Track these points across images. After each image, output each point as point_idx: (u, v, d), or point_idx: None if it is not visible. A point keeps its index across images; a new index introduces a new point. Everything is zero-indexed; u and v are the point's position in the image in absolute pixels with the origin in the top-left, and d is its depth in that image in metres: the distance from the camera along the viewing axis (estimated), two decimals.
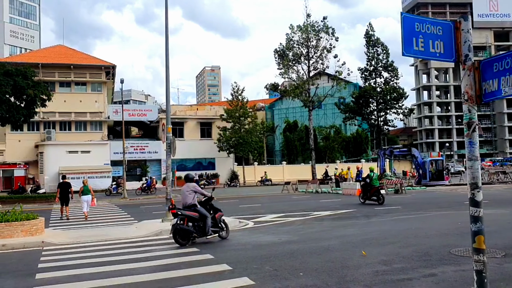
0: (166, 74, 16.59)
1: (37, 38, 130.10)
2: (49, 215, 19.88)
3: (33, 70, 34.19)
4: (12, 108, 30.40)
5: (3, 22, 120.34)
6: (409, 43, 3.85)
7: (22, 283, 7.51)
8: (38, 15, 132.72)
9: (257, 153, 53.40)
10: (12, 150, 45.18)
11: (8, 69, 31.10)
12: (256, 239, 11.42)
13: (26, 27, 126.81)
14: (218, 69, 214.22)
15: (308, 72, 47.02)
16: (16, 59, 50.93)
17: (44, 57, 48.66)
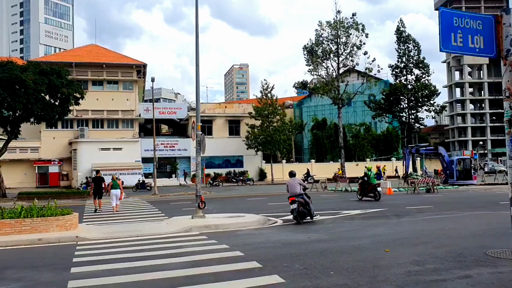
0: (196, 73, 16.72)
1: (71, 37, 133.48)
2: (83, 211, 20.39)
3: (67, 69, 35.16)
4: (47, 106, 31.31)
5: (39, 22, 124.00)
6: (447, 38, 3.74)
7: (58, 276, 7.71)
8: (72, 15, 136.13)
9: (286, 151, 53.26)
10: (47, 147, 46.54)
11: (43, 68, 32.04)
12: (285, 237, 11.40)
13: (60, 27, 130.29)
14: (246, 67, 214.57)
15: (337, 69, 46.58)
16: (51, 58, 52.38)
17: (77, 56, 49.88)
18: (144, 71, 50.67)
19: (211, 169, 49.16)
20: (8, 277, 7.70)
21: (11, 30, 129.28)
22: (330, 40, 46.26)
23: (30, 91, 29.60)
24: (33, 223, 12.45)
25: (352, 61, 46.37)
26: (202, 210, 15.45)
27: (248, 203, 23.50)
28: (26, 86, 29.36)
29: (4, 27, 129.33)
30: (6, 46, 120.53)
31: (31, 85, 29.50)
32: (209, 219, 14.83)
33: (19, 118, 32.18)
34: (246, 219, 14.79)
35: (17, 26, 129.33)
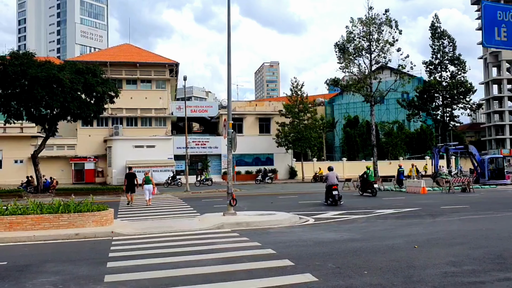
0: (228, 71, 16.81)
1: (105, 37, 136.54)
2: (117, 207, 20.84)
3: (101, 68, 35.95)
4: (83, 105, 32.14)
5: (75, 23, 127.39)
6: (490, 33, 3.65)
7: (95, 270, 7.91)
8: (106, 15, 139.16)
9: (316, 149, 52.90)
10: (83, 144, 47.81)
11: (79, 68, 32.90)
12: (317, 236, 11.34)
13: (95, 27, 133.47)
14: (277, 64, 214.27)
15: (370, 66, 45.83)
16: (86, 58, 53.73)
17: (111, 55, 50.98)
18: (176, 70, 51.32)
19: (241, 167, 49.39)
20: (48, 270, 7.95)
21: (49, 31, 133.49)
22: (362, 37, 45.54)
23: (67, 89, 30.45)
24: (70, 218, 12.83)
25: (385, 58, 45.49)
26: (233, 207, 15.55)
27: (279, 201, 23.47)
28: (63, 85, 30.22)
29: (42, 28, 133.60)
30: (44, 46, 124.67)
31: (67, 84, 30.34)
32: (241, 217, 14.90)
33: (56, 116, 33.17)
34: (277, 217, 14.79)
35: (54, 27, 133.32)
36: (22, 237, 11.68)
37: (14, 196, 24.89)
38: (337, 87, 52.78)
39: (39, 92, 29.60)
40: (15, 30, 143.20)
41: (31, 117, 32.67)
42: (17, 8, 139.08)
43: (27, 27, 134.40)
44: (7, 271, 7.96)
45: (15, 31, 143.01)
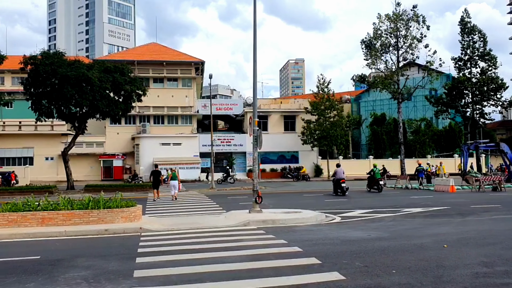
0: (253, 69, 16.82)
1: (132, 36, 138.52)
2: (145, 203, 21.17)
3: (129, 67, 36.56)
4: (111, 103, 32.74)
5: (103, 22, 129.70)
6: None
7: (124, 265, 8.07)
8: (133, 14, 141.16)
9: (343, 146, 52.41)
10: (111, 142, 48.70)
11: (107, 66, 33.51)
12: (344, 234, 11.25)
13: (123, 26, 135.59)
14: (302, 61, 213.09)
15: (397, 62, 45.16)
16: (114, 57, 54.63)
17: (139, 54, 51.70)
18: (202, 68, 51.68)
19: (266, 165, 49.41)
20: (79, 265, 8.15)
21: (78, 31, 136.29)
22: (389, 33, 44.91)
23: (96, 88, 31.08)
24: (100, 214, 13.10)
25: (413, 54, 44.77)
26: (259, 205, 15.58)
27: (305, 199, 23.40)
28: (92, 83, 30.84)
29: (72, 28, 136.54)
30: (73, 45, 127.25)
31: (96, 82, 30.96)
32: (266, 214, 14.92)
33: (86, 114, 33.89)
34: (303, 215, 14.75)
35: (83, 27, 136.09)
36: (54, 232, 12.00)
37: (45, 192, 25.59)
38: (363, 84, 52.20)
39: (69, 90, 30.30)
40: (45, 30, 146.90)
41: (61, 115, 33.48)
42: (48, 9, 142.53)
43: (57, 27, 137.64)
44: (41, 265, 8.20)
45: (45, 31, 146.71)
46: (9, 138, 46.23)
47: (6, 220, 12.64)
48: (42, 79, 31.13)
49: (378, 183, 26.43)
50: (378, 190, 26.24)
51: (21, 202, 13.33)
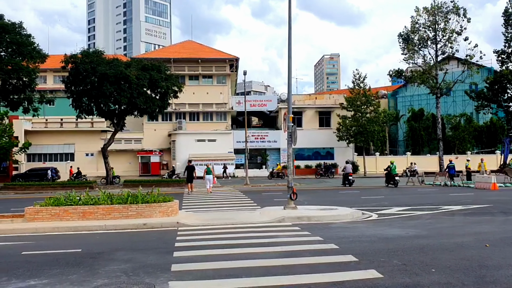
0: (288, 64, 16.75)
1: (168, 34, 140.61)
2: (181, 198, 21.51)
3: (165, 64, 37.14)
4: (148, 100, 33.42)
5: (140, 21, 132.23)
6: None
7: (162, 259, 8.22)
8: (169, 13, 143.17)
9: (379, 142, 51.51)
10: (149, 138, 49.73)
11: (145, 64, 34.21)
12: (381, 232, 11.06)
13: (159, 24, 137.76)
14: (337, 56, 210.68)
15: (435, 56, 44.02)
16: (151, 55, 55.62)
17: (175, 52, 52.50)
18: (236, 65, 51.94)
19: (301, 161, 49.17)
20: (119, 258, 8.37)
21: (116, 29, 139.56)
22: (427, 26, 43.78)
23: (134, 85, 31.78)
24: (138, 209, 13.40)
25: (452, 48, 43.53)
26: (294, 201, 15.53)
27: (340, 196, 23.16)
28: (130, 81, 31.56)
29: (110, 27, 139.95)
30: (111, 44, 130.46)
31: (134, 80, 31.65)
32: (301, 211, 14.86)
33: (124, 111, 34.71)
34: (339, 212, 14.60)
35: (121, 26, 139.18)
36: (94, 226, 12.36)
37: (86, 187, 26.41)
38: (400, 78, 51.17)
39: (108, 88, 31.12)
40: (84, 30, 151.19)
41: (100, 112, 34.43)
42: (87, 9, 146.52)
43: (96, 26, 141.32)
44: (82, 258, 8.47)
45: (84, 30, 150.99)
46: (51, 134, 47.93)
47: (49, 214, 13.12)
48: (82, 77, 32.09)
49: (394, 179, 28.52)
50: (394, 185, 28.34)
51: (63, 197, 13.80)
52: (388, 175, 29.07)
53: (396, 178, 28.78)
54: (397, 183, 28.55)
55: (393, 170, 28.80)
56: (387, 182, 29.21)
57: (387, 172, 29.30)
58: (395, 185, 28.37)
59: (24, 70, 32.80)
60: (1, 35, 32.04)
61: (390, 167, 28.92)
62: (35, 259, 8.46)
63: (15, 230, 12.16)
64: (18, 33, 32.71)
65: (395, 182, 28.46)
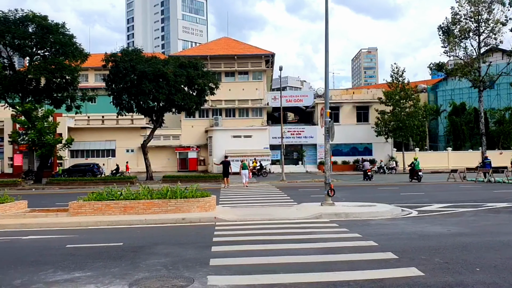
0: (325, 58, 16.57)
1: (205, 32, 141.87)
2: (218, 193, 21.71)
3: (202, 61, 37.52)
4: (186, 97, 33.90)
5: (177, 19, 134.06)
6: None
7: (201, 254, 8.33)
8: (205, 10, 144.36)
9: (419, 138, 50.26)
10: (186, 135, 50.44)
11: (182, 62, 34.70)
12: (421, 229, 10.81)
13: (196, 22, 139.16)
14: (375, 50, 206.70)
15: (478, 48, 42.39)
16: (188, 52, 56.31)
17: (211, 49, 52.90)
18: (272, 61, 51.83)
19: (338, 157, 48.65)
20: (159, 252, 8.55)
21: (154, 28, 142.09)
22: (469, 17, 42.22)
23: (171, 83, 32.30)
24: (177, 203, 13.64)
25: (496, 39, 41.78)
26: (331, 197, 15.40)
27: (379, 192, 22.78)
28: (168, 78, 32.09)
29: (148, 25, 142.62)
30: (150, 42, 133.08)
31: (172, 77, 32.16)
32: (339, 207, 14.72)
33: (162, 108, 35.36)
34: (378, 208, 14.36)
35: (158, 24, 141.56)
36: (135, 220, 12.67)
37: (127, 183, 27.07)
38: (441, 72, 49.64)
39: (147, 85, 31.77)
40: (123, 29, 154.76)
41: (140, 109, 35.20)
42: (126, 8, 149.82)
43: (135, 25, 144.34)
44: (124, 251, 8.71)
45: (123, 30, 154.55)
46: (93, 131, 49.40)
47: (92, 209, 13.55)
48: (122, 75, 32.89)
49: (418, 174, 29.44)
50: (418, 180, 29.27)
51: (105, 192, 14.21)
52: (412, 170, 30.04)
53: (420, 174, 29.54)
54: (420, 178, 29.29)
55: (417, 166, 29.70)
56: (411, 177, 30.09)
57: (411, 167, 30.33)
58: (419, 180, 29.17)
59: (67, 69, 33.96)
60: (46, 35, 33.26)
61: (414, 163, 29.89)
62: (79, 252, 8.77)
63: (60, 224, 12.63)
64: (61, 33, 33.85)
65: (418, 177, 29.33)
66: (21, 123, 33.42)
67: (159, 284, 6.32)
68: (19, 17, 33.03)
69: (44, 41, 33.37)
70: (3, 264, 7.78)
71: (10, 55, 35.10)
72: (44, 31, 33.20)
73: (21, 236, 11.00)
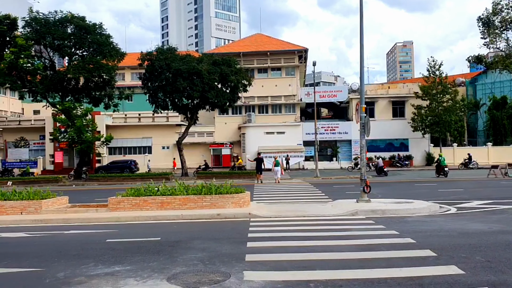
0: (360, 53, 16.35)
1: (237, 29, 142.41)
2: (252, 189, 21.80)
3: (235, 59, 37.69)
4: (219, 94, 34.19)
5: (210, 17, 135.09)
6: None
7: (236, 249, 8.40)
8: (238, 7, 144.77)
9: (457, 133, 48.85)
10: (220, 131, 50.86)
11: (215, 59, 34.99)
12: (461, 226, 10.53)
13: (228, 19, 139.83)
14: (410, 44, 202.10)
15: None
16: (221, 50, 56.63)
17: (244, 46, 53.06)
18: (305, 56, 51.49)
19: (373, 153, 47.87)
20: (195, 247, 8.68)
21: (188, 26, 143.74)
22: (510, 7, 40.70)
23: (205, 80, 32.64)
24: (212, 199, 13.80)
25: None
26: (367, 194, 15.19)
27: (416, 188, 22.31)
28: (202, 76, 32.44)
29: (182, 24, 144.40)
30: (184, 41, 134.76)
31: (205, 75, 32.49)
32: (375, 204, 14.51)
33: (196, 106, 35.80)
34: (415, 205, 14.07)
35: (192, 22, 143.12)
36: (172, 216, 12.91)
37: (163, 179, 27.59)
38: (480, 65, 48.16)
39: (181, 83, 32.24)
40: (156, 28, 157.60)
41: (175, 107, 35.78)
42: (160, 7, 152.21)
43: (169, 24, 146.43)
44: (161, 246, 8.89)
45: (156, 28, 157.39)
46: (130, 129, 50.51)
47: (130, 204, 13.88)
48: (157, 74, 33.49)
49: (444, 170, 30.36)
50: (445, 175, 30.08)
51: (142, 188, 14.54)
52: (438, 166, 30.94)
53: (446, 169, 30.55)
54: (447, 173, 30.28)
55: (443, 162, 30.73)
56: (437, 173, 30.86)
57: (437, 164, 31.43)
58: (445, 175, 30.00)
59: (105, 68, 34.83)
60: (84, 36, 34.21)
61: (440, 159, 31.06)
62: (119, 246, 9.01)
63: (100, 219, 13.01)
64: (99, 33, 34.73)
65: (445, 172, 30.24)
66: (61, 121, 34.60)
67: (196, 279, 6.42)
68: (58, 19, 34.08)
69: (83, 41, 34.33)
70: (47, 257, 8.09)
71: (50, 56, 36.31)
72: (82, 31, 34.16)
73: (63, 231, 11.40)
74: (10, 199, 14.21)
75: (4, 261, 7.94)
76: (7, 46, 34.86)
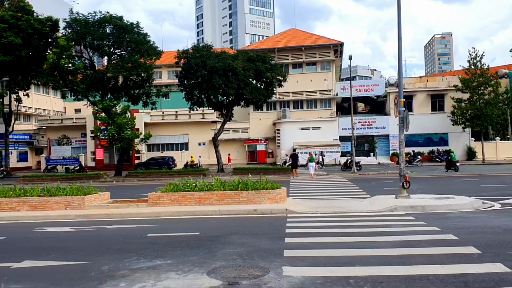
0: (398, 46, 16.02)
1: (271, 25, 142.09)
2: (288, 185, 21.79)
3: (269, 54, 37.68)
4: (254, 90, 34.28)
5: (244, 13, 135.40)
6: None
7: (275, 245, 8.44)
8: (272, 3, 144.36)
9: (500, 127, 47.10)
10: (255, 127, 51.01)
11: (250, 56, 35.08)
12: (506, 223, 10.17)
13: (262, 15, 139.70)
14: (449, 35, 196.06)
15: None
16: (256, 46, 56.67)
17: (278, 42, 52.91)
18: (340, 50, 50.87)
19: (411, 148, 46.82)
20: (234, 242, 8.78)
21: (222, 23, 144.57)
22: None
23: (240, 77, 32.81)
24: (249, 195, 13.90)
25: None
26: (406, 190, 14.91)
27: (456, 184, 21.70)
28: (237, 73, 32.62)
29: (217, 21, 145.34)
30: (218, 38, 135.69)
31: (240, 71, 32.65)
32: (415, 200, 14.23)
33: (232, 102, 36.04)
34: (456, 201, 13.70)
35: (226, 19, 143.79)
36: (209, 211, 13.09)
37: (199, 175, 27.97)
38: None
39: (217, 80, 32.53)
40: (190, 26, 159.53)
41: (210, 103, 36.16)
42: (195, 5, 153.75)
43: (204, 21, 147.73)
44: (201, 241, 9.04)
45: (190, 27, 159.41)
46: (167, 126, 51.40)
47: (169, 199, 14.17)
48: (193, 71, 33.92)
49: (455, 165, 31.39)
50: (455, 170, 31.12)
51: (181, 184, 14.81)
52: (449, 162, 31.89)
53: (457, 164, 31.69)
54: (457, 168, 31.36)
55: (453, 158, 31.77)
56: (447, 168, 31.82)
57: (448, 159, 32.33)
58: (456, 170, 30.95)
59: (142, 67, 35.59)
60: (122, 35, 35.04)
61: (451, 155, 32.19)
62: (159, 240, 9.23)
63: (141, 214, 13.35)
64: (136, 32, 35.49)
65: (455, 167, 31.24)
66: (101, 119, 35.59)
67: (235, 273, 6.50)
68: (97, 19, 35.04)
69: (121, 41, 35.15)
70: (92, 251, 8.38)
71: (90, 56, 37.38)
72: (120, 31, 34.98)
73: (106, 226, 11.76)
74: (55, 195, 14.77)
75: (52, 254, 8.29)
76: (50, 47, 36.14)
